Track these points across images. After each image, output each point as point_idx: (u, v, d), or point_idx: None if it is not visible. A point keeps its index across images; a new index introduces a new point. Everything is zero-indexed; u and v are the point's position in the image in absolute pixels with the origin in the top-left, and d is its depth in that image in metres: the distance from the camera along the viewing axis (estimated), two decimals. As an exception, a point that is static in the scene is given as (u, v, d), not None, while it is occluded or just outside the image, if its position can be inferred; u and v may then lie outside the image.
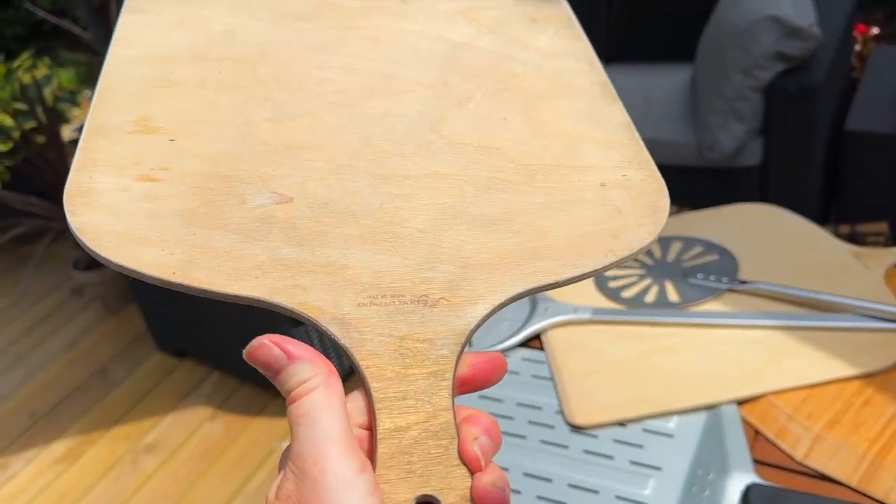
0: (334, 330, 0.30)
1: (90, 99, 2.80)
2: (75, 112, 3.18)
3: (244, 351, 0.29)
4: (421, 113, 0.40)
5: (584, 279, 0.33)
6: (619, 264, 0.33)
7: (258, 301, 0.31)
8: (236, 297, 0.31)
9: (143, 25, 0.44)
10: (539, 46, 0.46)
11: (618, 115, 0.41)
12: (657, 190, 0.37)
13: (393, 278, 0.32)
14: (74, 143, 2.48)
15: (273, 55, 0.43)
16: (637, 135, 0.40)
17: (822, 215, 1.80)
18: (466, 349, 0.31)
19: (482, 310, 0.31)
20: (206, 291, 0.31)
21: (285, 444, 0.29)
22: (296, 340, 0.29)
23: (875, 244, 1.37)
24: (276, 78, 0.41)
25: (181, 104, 0.39)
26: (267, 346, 0.29)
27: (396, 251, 0.33)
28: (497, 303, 0.32)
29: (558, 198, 0.36)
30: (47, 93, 2.48)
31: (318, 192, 0.35)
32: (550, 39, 0.47)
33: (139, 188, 0.34)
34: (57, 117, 2.48)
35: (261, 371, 0.29)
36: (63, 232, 2.29)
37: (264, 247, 0.32)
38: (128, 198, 0.33)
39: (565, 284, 0.33)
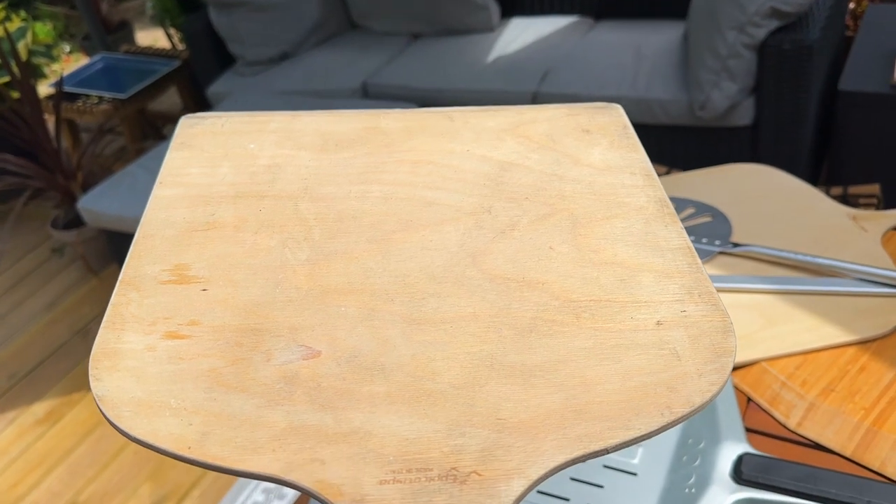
0: None
1: (68, 53, 2.72)
2: (54, 67, 3.10)
3: None
4: (461, 244, 0.37)
5: (636, 443, 0.29)
6: (676, 424, 0.30)
7: (273, 478, 0.28)
8: (250, 473, 0.29)
9: (188, 161, 0.44)
10: (591, 161, 0.43)
11: (676, 237, 0.37)
12: (721, 328, 0.33)
13: (420, 447, 0.29)
14: (50, 98, 2.43)
15: (315, 189, 0.42)
16: (698, 260, 0.36)
17: (813, 177, 1.78)
18: None
19: (518, 487, 0.28)
20: (219, 468, 0.29)
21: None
22: None
23: (867, 207, 1.35)
24: (316, 214, 0.40)
25: (219, 249, 0.38)
26: None
27: (426, 413, 0.30)
28: (535, 477, 0.28)
29: (608, 341, 0.32)
30: (21, 46, 2.40)
31: (347, 342, 0.33)
32: (604, 153, 0.43)
33: (165, 347, 0.33)
34: (32, 72, 2.41)
35: None
36: (41, 190, 2.24)
37: (285, 411, 0.30)
38: (153, 358, 0.32)
39: (616, 450, 0.29)
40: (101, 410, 0.31)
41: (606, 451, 0.29)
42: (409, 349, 0.32)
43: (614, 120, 0.47)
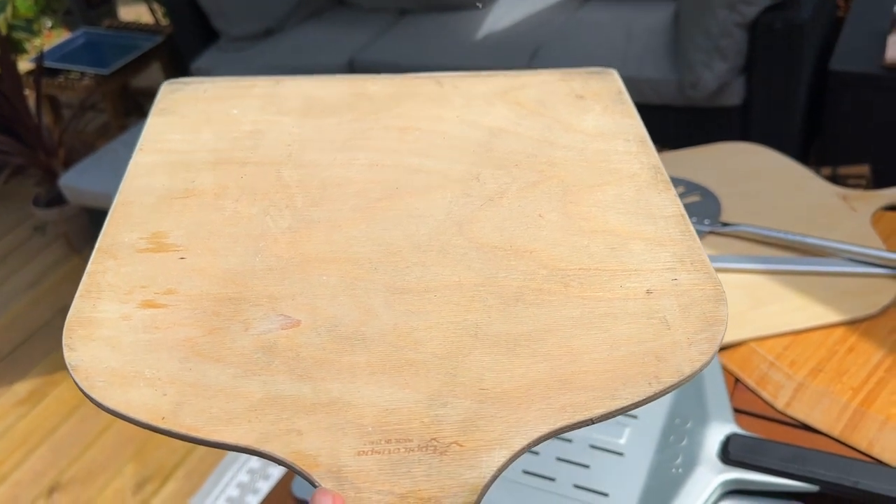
0: (328, 486, 0.27)
1: (50, 29, 2.65)
2: (35, 42, 3.03)
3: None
4: (448, 212, 0.36)
5: (623, 413, 0.29)
6: (665, 394, 0.29)
7: (247, 449, 0.28)
8: (224, 444, 0.28)
9: (169, 127, 0.43)
10: (584, 127, 0.42)
11: (669, 204, 0.37)
12: (713, 296, 0.32)
13: (401, 417, 0.28)
14: (31, 73, 2.38)
15: (298, 155, 0.40)
16: (691, 228, 0.35)
17: (803, 156, 1.78)
18: None
19: (499, 458, 0.27)
20: (193, 438, 0.28)
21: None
22: None
23: (856, 187, 1.35)
24: (299, 181, 0.39)
25: (198, 216, 0.37)
26: None
27: (407, 383, 0.29)
28: (518, 447, 0.27)
29: (596, 310, 0.31)
30: (0, 20, 2.35)
31: (328, 312, 0.32)
32: (597, 118, 0.42)
33: (141, 316, 0.32)
34: (12, 46, 2.37)
35: None
36: (22, 167, 2.21)
37: (262, 381, 0.30)
38: (129, 327, 0.32)
39: (601, 420, 0.28)
40: (74, 380, 0.30)
41: (592, 422, 0.28)
42: (391, 318, 0.32)
43: (608, 85, 0.45)
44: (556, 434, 0.28)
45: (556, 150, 0.40)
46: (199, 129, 0.43)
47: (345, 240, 0.35)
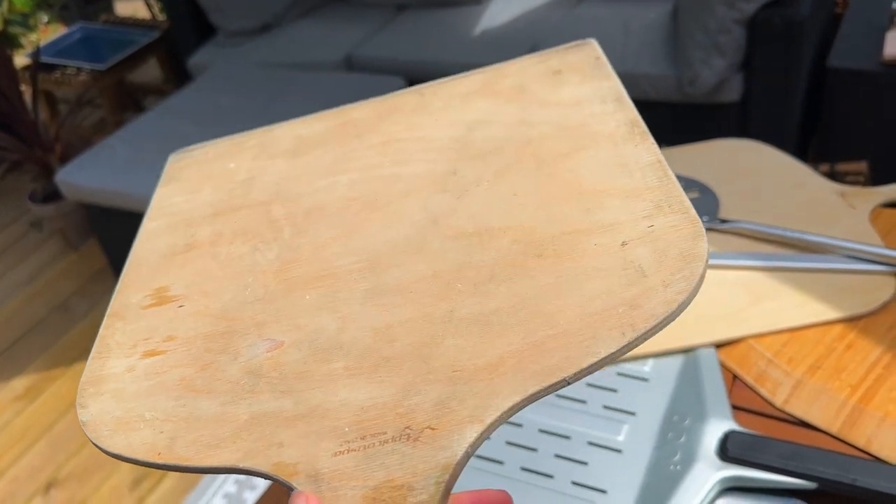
0: (307, 489, 0.27)
1: (46, 24, 2.65)
2: (31, 37, 3.02)
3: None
4: (424, 211, 0.37)
5: (599, 368, 0.28)
6: (642, 340, 0.28)
7: (231, 468, 0.29)
8: (212, 468, 0.29)
9: (173, 193, 0.45)
10: (560, 100, 0.41)
11: (645, 153, 0.36)
12: (690, 234, 0.31)
13: (375, 413, 0.29)
14: (27, 69, 2.37)
15: (286, 191, 0.42)
16: (669, 172, 0.34)
17: (801, 153, 1.78)
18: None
19: (472, 434, 0.27)
20: (185, 468, 0.29)
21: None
22: None
23: (854, 184, 1.35)
24: (286, 214, 0.40)
25: (197, 266, 0.39)
26: None
27: (383, 379, 0.30)
28: (490, 420, 0.27)
29: (571, 273, 0.31)
30: (-4, 14, 2.34)
31: (309, 328, 0.33)
32: (574, 88, 0.42)
33: (144, 365, 0.34)
34: (8, 42, 2.36)
35: None
36: (19, 163, 2.20)
37: (248, 404, 0.31)
38: (132, 378, 0.33)
39: (576, 380, 0.28)
40: (87, 435, 0.32)
41: (567, 382, 0.28)
42: (368, 321, 0.32)
43: (586, 55, 0.45)
44: (531, 401, 0.28)
45: (532, 128, 0.40)
46: (199, 189, 0.44)
47: (326, 258, 0.36)
